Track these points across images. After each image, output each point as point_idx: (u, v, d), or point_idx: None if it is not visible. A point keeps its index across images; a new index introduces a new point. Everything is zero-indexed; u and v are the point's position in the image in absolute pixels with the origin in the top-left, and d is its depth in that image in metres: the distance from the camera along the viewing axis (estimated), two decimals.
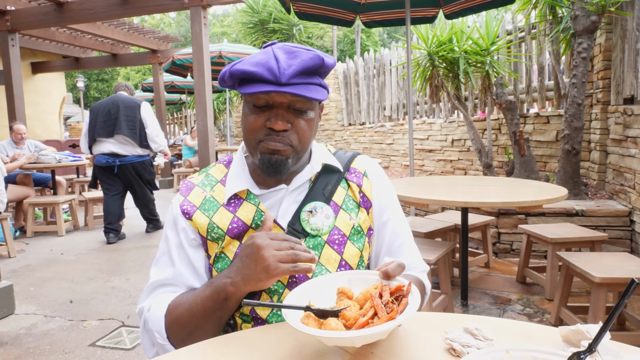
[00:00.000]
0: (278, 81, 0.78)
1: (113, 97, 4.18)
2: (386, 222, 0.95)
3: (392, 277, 0.70)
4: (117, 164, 4.07)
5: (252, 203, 0.89)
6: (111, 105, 4.08)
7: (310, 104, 0.85)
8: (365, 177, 0.95)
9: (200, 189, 0.92)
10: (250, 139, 0.86)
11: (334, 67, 0.90)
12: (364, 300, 0.67)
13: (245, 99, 0.86)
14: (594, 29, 3.53)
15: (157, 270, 0.90)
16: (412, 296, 0.64)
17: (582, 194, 3.69)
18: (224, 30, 27.27)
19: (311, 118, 0.86)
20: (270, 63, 0.79)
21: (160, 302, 0.85)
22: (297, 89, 0.79)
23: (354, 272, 0.75)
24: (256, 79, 0.80)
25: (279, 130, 0.82)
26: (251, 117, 0.84)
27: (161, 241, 0.93)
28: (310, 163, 0.93)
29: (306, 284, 0.74)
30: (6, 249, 3.86)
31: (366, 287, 0.71)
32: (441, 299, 2.33)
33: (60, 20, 5.80)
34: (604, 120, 3.90)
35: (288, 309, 0.65)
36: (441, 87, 4.62)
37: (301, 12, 4.47)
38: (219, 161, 0.98)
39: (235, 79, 0.83)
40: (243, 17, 12.99)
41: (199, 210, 0.88)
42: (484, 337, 0.67)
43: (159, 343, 0.83)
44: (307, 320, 0.64)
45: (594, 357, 0.57)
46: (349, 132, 8.49)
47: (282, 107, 0.82)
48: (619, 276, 1.87)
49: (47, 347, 2.25)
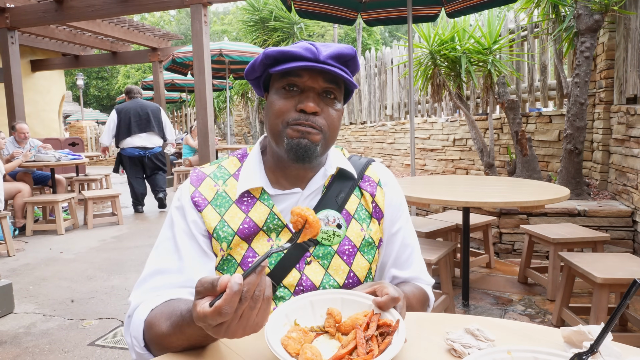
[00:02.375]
0: (317, 58, 0.80)
1: (138, 102, 5.39)
2: (396, 233, 0.94)
3: (384, 310, 0.69)
4: (148, 154, 5.38)
5: (266, 204, 0.86)
6: (140, 109, 5.31)
7: (339, 94, 0.86)
8: (379, 186, 0.94)
9: (212, 181, 0.89)
10: (277, 123, 0.83)
11: (359, 70, 0.90)
12: (350, 327, 0.67)
13: (274, 85, 0.85)
14: (597, 28, 3.51)
15: (157, 256, 0.84)
16: (398, 335, 0.63)
17: (585, 194, 3.67)
18: (225, 28, 27.22)
19: (339, 109, 0.86)
20: (307, 46, 0.81)
21: (147, 304, 0.78)
22: (333, 69, 0.80)
23: (348, 293, 0.74)
24: (294, 56, 0.80)
25: (310, 113, 0.82)
26: (280, 101, 0.83)
27: (164, 227, 0.88)
28: (325, 166, 0.92)
29: (298, 299, 0.73)
30: (5, 247, 3.85)
31: (357, 311, 0.70)
32: (442, 299, 2.32)
33: (60, 17, 5.78)
34: (607, 119, 3.88)
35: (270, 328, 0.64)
36: (443, 86, 4.60)
37: (302, 10, 4.45)
38: (233, 154, 0.95)
39: (270, 60, 0.83)
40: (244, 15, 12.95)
41: (210, 205, 0.86)
42: (485, 337, 0.67)
43: (137, 352, 0.77)
44: (288, 342, 0.62)
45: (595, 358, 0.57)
46: (350, 131, 8.47)
47: (313, 91, 0.82)
48: (621, 277, 1.86)
49: (46, 346, 2.24)
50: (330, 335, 0.68)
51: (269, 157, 0.91)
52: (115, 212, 5.14)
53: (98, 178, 6.68)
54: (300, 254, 0.84)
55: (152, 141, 5.38)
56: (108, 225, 5.05)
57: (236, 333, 0.59)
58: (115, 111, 5.29)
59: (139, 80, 21.54)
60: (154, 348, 0.74)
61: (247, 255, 0.84)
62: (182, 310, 0.68)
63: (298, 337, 0.64)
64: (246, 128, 12.58)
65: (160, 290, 0.81)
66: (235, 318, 0.57)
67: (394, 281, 0.94)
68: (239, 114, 12.74)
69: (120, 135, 5.28)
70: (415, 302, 0.88)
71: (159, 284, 0.81)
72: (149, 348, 0.76)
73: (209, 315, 0.56)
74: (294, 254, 0.84)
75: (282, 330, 0.66)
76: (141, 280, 0.83)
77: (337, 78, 0.83)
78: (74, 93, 22.72)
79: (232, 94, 11.38)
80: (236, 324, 0.57)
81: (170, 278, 0.82)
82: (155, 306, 0.77)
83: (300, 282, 0.84)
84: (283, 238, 0.85)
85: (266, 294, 0.58)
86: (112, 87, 25.98)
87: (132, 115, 5.25)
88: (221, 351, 0.69)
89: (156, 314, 0.74)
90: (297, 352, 0.61)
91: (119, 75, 25.37)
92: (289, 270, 0.84)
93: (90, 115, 18.22)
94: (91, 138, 13.74)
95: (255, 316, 0.58)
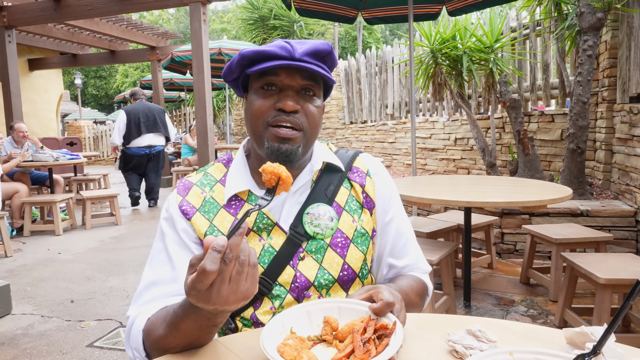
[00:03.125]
0: (292, 57, 0.80)
1: (145, 104, 5.85)
2: (389, 222, 0.94)
3: (381, 316, 0.68)
4: (153, 152, 5.85)
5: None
6: (147, 111, 5.79)
7: (318, 90, 0.86)
8: (368, 176, 0.94)
9: (199, 189, 0.89)
10: (257, 123, 0.84)
11: (337, 65, 0.89)
12: (347, 333, 0.67)
13: (252, 86, 0.86)
14: (600, 26, 3.49)
15: (151, 270, 0.84)
16: (395, 336, 0.63)
17: (587, 193, 3.65)
18: (224, 27, 27.17)
19: (319, 105, 0.86)
20: (283, 44, 0.81)
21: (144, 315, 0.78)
22: (310, 65, 0.80)
23: (344, 301, 0.74)
24: (270, 56, 0.80)
25: (289, 112, 0.81)
26: (259, 100, 0.84)
27: (155, 240, 0.88)
28: (311, 162, 0.91)
29: (294, 309, 0.72)
30: (3, 248, 3.83)
31: (354, 318, 0.70)
32: (444, 300, 2.30)
33: (58, 16, 5.75)
34: (610, 119, 3.86)
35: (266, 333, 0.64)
36: (444, 85, 4.57)
37: (302, 9, 4.43)
38: (218, 160, 0.96)
39: (246, 60, 0.82)
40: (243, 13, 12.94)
41: (199, 212, 0.86)
42: (487, 339, 0.67)
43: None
44: (284, 349, 0.62)
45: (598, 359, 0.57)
46: (351, 131, 8.44)
47: (291, 90, 0.82)
48: (624, 277, 1.85)
49: (44, 347, 2.22)
50: (328, 344, 0.68)
51: (254, 159, 0.91)
52: (114, 212, 5.12)
53: (96, 178, 6.66)
54: (293, 250, 0.84)
55: (158, 140, 5.90)
56: (106, 226, 5.02)
57: (228, 299, 0.58)
58: (125, 112, 5.69)
59: (137, 80, 21.49)
60: (154, 355, 0.74)
61: None
62: (175, 308, 0.69)
63: (295, 345, 0.63)
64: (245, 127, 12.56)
65: (156, 301, 0.80)
66: (224, 281, 0.57)
67: (392, 270, 0.94)
68: (238, 113, 12.71)
69: (131, 136, 5.68)
70: (413, 297, 0.88)
71: (155, 295, 0.81)
72: (150, 358, 0.75)
73: (195, 278, 0.56)
74: (286, 250, 0.84)
75: (279, 339, 0.65)
76: (137, 295, 0.83)
77: (315, 75, 0.83)
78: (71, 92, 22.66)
79: (231, 93, 11.34)
80: (227, 288, 0.57)
81: (165, 288, 0.82)
82: (151, 315, 0.76)
83: (295, 279, 0.84)
84: (274, 237, 0.85)
85: (252, 260, 0.59)
86: (110, 86, 25.94)
87: (141, 116, 5.69)
88: (220, 352, 0.69)
89: (152, 321, 0.74)
90: (294, 359, 0.60)
91: (117, 74, 25.33)
92: (283, 268, 0.84)
93: (88, 114, 18.18)
94: (89, 138, 13.71)
95: (245, 281, 0.58)
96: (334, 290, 0.86)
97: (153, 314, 0.76)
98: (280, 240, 0.85)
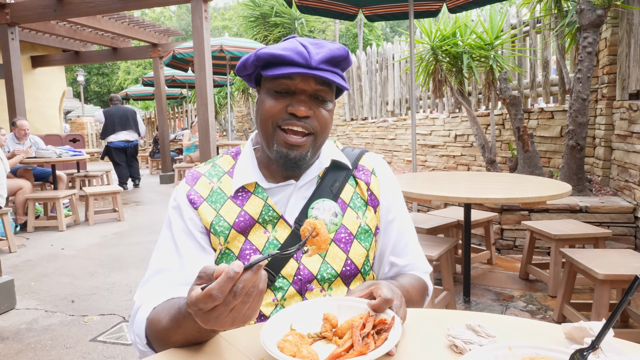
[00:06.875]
0: (308, 64, 0.78)
1: (120, 107, 7.45)
2: (392, 221, 0.95)
3: (379, 312, 0.69)
4: (130, 145, 7.45)
5: (260, 197, 0.88)
6: (122, 112, 7.39)
7: (330, 95, 0.85)
8: (373, 175, 0.95)
9: (207, 179, 0.91)
10: (267, 124, 0.84)
11: (351, 65, 0.90)
12: (347, 329, 0.68)
13: (265, 85, 0.85)
14: (600, 23, 3.49)
15: (158, 257, 0.86)
16: (394, 331, 0.64)
17: (586, 190, 3.66)
18: (225, 24, 27.13)
19: (331, 109, 0.86)
20: (299, 48, 0.80)
21: (150, 303, 0.79)
22: (325, 74, 0.79)
23: (343, 299, 0.75)
24: (286, 61, 0.79)
25: (301, 117, 0.81)
26: (270, 101, 0.83)
27: (163, 228, 0.90)
28: (319, 159, 0.92)
29: (294, 306, 0.73)
30: (7, 243, 3.86)
31: (353, 315, 0.71)
32: (443, 295, 2.32)
33: (61, 13, 5.76)
34: (609, 115, 3.87)
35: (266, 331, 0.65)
36: (444, 81, 4.57)
37: (303, 6, 4.43)
38: (227, 152, 0.97)
39: (261, 62, 0.82)
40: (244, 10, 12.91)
41: (206, 202, 0.87)
42: (487, 334, 0.67)
43: (140, 349, 0.78)
44: (284, 345, 0.63)
45: (597, 354, 0.57)
46: (351, 127, 8.45)
47: (304, 94, 0.82)
48: (622, 273, 1.86)
49: (48, 342, 2.25)
50: (327, 340, 0.69)
51: (262, 153, 0.92)
52: (117, 208, 5.14)
53: (99, 174, 6.69)
54: (297, 243, 0.85)
55: (132, 136, 7.47)
56: (109, 222, 5.05)
57: (225, 324, 0.59)
58: (103, 114, 7.40)
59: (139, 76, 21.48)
60: (155, 344, 0.75)
61: (245, 248, 0.85)
62: (180, 304, 0.69)
63: (294, 341, 0.64)
64: (247, 124, 12.56)
65: (163, 289, 0.82)
66: (226, 310, 0.57)
67: (393, 268, 0.95)
68: (239, 110, 12.71)
69: (108, 132, 7.32)
70: (414, 294, 0.89)
71: (162, 283, 0.83)
72: (152, 345, 0.77)
73: (200, 298, 0.56)
74: (290, 243, 0.85)
75: (279, 335, 0.66)
76: (144, 281, 0.85)
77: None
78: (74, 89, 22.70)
79: (233, 90, 11.35)
80: (226, 316, 0.57)
81: (171, 276, 0.83)
82: (157, 304, 0.78)
83: (298, 271, 0.85)
84: (279, 229, 0.86)
85: (260, 287, 0.58)
86: (112, 83, 25.96)
87: (115, 118, 7.31)
88: (222, 346, 0.69)
89: (157, 311, 0.76)
90: (294, 354, 0.61)
91: (120, 71, 25.34)
92: (287, 261, 0.85)
93: (91, 111, 18.18)
94: (92, 134, 13.74)
95: (247, 309, 0.59)
96: (336, 284, 0.87)
97: (159, 304, 0.77)
98: (285, 233, 0.86)
